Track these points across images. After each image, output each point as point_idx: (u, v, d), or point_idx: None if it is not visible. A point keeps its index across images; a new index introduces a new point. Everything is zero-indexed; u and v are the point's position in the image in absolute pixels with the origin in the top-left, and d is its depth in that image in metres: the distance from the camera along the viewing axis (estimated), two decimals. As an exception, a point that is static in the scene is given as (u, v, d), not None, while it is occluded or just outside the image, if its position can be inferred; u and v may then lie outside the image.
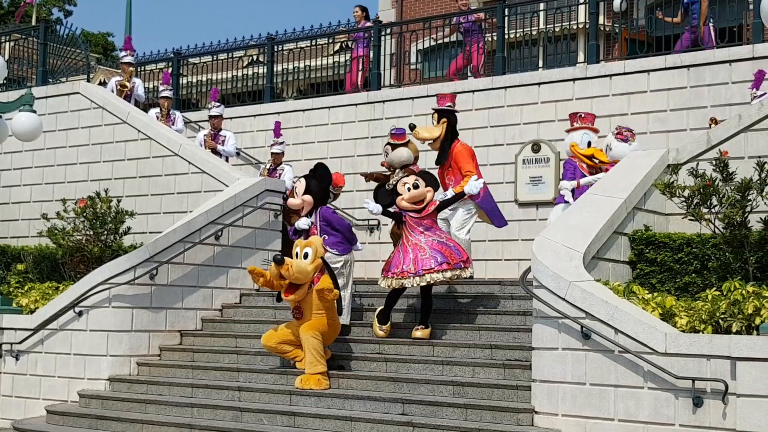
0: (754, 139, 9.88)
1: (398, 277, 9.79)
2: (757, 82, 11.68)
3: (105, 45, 42.45)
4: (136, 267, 10.86)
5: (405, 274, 9.75)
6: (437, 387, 9.07)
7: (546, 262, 8.36)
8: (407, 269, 9.75)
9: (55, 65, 16.60)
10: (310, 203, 10.32)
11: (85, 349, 10.84)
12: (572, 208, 9.74)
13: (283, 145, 14.11)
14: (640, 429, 7.64)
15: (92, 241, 12.26)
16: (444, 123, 11.02)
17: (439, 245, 9.84)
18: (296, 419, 9.15)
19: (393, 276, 9.83)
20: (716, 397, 7.29)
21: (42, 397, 11.03)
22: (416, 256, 9.78)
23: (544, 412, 8.22)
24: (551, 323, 8.21)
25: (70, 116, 15.10)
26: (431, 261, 9.72)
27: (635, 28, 15.00)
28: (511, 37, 15.34)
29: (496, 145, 13.95)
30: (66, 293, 11.04)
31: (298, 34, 17.72)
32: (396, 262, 9.90)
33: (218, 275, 11.87)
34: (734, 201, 8.84)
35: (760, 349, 7.06)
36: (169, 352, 11.16)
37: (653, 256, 9.56)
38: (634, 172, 10.00)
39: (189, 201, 13.34)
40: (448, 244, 9.93)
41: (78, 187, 14.47)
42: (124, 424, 9.80)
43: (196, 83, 18.58)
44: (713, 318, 7.79)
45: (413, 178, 10.13)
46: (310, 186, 10.35)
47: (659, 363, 7.50)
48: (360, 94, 15.58)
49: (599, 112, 13.17)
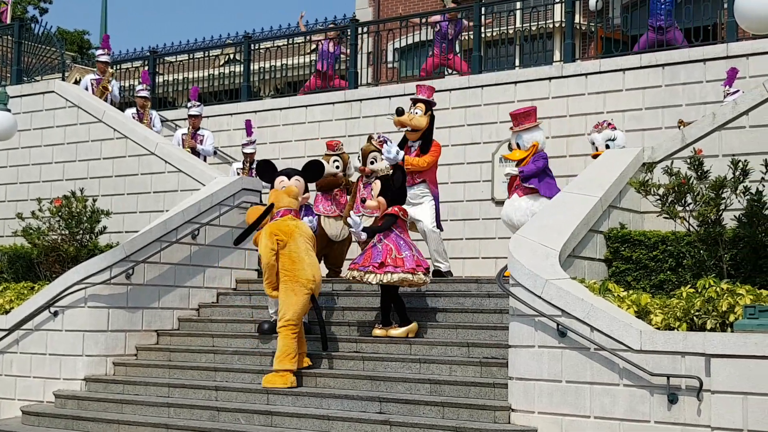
0: (729, 138, 9.95)
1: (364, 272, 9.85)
2: (729, 79, 11.77)
3: (81, 43, 42.23)
4: (112, 266, 10.80)
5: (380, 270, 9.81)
6: (414, 385, 9.08)
7: (522, 261, 8.39)
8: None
9: (30, 64, 16.49)
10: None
11: (61, 350, 10.78)
12: (548, 206, 9.77)
13: (255, 144, 14.09)
14: (616, 426, 7.69)
15: (68, 241, 12.19)
16: (429, 115, 11.30)
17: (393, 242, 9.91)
18: (273, 418, 9.14)
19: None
20: (691, 393, 7.34)
21: (17, 397, 10.95)
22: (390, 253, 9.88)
23: (520, 409, 8.25)
24: (528, 321, 8.24)
25: (45, 115, 15.00)
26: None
27: (611, 27, 15.06)
28: (487, 36, 15.39)
29: (473, 144, 13.99)
30: (41, 293, 10.97)
31: (275, 32, 17.69)
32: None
33: (195, 274, 11.83)
34: (709, 199, 8.90)
35: (734, 345, 7.12)
36: (145, 351, 11.11)
37: (629, 254, 9.62)
38: (609, 170, 10.04)
39: (165, 200, 13.28)
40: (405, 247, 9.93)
41: (53, 187, 14.38)
42: (101, 425, 9.75)
43: (172, 82, 18.51)
44: (688, 315, 7.84)
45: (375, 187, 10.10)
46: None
47: (634, 360, 7.54)
48: (337, 92, 15.58)
49: (575, 110, 13.27)
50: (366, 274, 9.74)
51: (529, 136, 10.71)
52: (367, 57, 16.20)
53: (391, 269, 9.69)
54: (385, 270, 9.70)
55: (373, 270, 9.72)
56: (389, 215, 9.96)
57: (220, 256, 12.10)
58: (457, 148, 13.84)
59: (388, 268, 9.70)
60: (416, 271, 9.76)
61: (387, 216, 9.96)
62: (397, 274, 9.68)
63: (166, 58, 18.31)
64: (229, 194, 12.14)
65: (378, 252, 9.76)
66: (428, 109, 11.38)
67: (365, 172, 10.92)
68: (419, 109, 11.32)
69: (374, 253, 9.77)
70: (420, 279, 9.82)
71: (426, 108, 11.36)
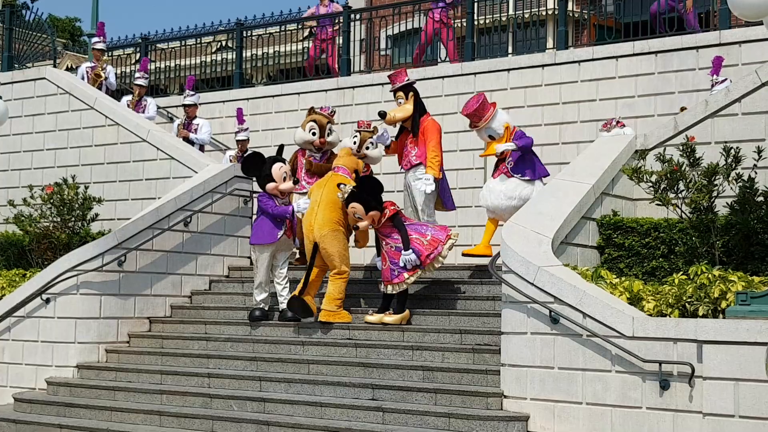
0: (721, 125, 9.96)
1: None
2: (716, 68, 11.78)
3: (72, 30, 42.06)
4: (104, 254, 10.78)
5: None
6: (407, 372, 9.09)
7: (515, 248, 8.40)
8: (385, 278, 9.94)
9: (21, 50, 16.40)
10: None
11: (53, 337, 10.76)
12: (541, 193, 9.78)
13: (247, 132, 14.07)
14: (608, 412, 7.71)
15: (59, 228, 12.17)
16: (412, 97, 11.21)
17: (395, 252, 9.81)
18: (266, 405, 9.15)
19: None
20: (683, 380, 7.36)
21: (9, 384, 10.95)
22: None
23: (513, 396, 8.27)
24: (520, 308, 8.25)
25: (36, 102, 14.94)
26: (388, 272, 9.83)
27: (604, 15, 15.05)
28: (480, 23, 15.34)
29: (465, 131, 13.93)
30: (33, 280, 10.95)
31: (268, 19, 17.59)
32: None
33: (187, 262, 11.81)
34: (701, 186, 8.92)
35: (726, 332, 7.14)
36: (138, 339, 11.10)
37: (621, 241, 9.63)
38: (602, 157, 10.05)
39: (157, 187, 13.25)
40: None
41: (45, 174, 14.33)
42: (93, 412, 9.75)
43: (164, 69, 18.44)
44: (680, 302, 7.86)
45: (352, 210, 9.84)
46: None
47: (627, 347, 7.56)
48: (330, 80, 15.53)
49: (568, 98, 13.23)
50: (424, 270, 9.80)
51: (497, 124, 10.49)
52: (359, 44, 16.15)
53: (439, 249, 9.76)
54: (435, 254, 9.74)
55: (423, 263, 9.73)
56: (393, 217, 9.87)
57: (213, 243, 12.08)
58: (450, 136, 13.78)
59: (434, 252, 9.75)
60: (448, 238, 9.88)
61: (394, 218, 9.86)
62: (443, 247, 9.77)
63: (157, 45, 18.24)
64: (222, 182, 12.11)
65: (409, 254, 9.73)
66: (408, 92, 11.24)
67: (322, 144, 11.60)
68: (401, 98, 11.26)
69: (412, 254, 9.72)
70: (451, 241, 9.91)
71: (406, 93, 11.24)
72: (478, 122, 10.49)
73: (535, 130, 13.37)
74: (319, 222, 9.99)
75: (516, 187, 10.33)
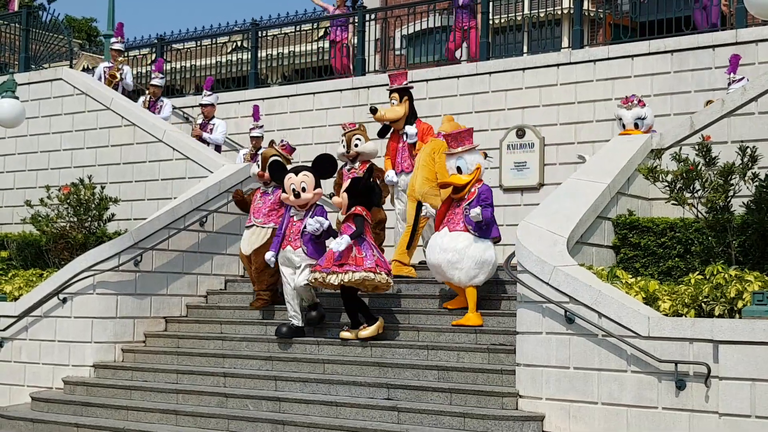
0: (737, 124, 9.91)
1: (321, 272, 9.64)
2: (732, 66, 11.73)
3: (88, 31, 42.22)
4: (120, 254, 10.83)
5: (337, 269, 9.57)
6: (422, 372, 9.09)
7: (530, 247, 8.38)
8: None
9: (37, 51, 16.48)
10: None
11: (70, 336, 10.82)
12: (556, 193, 9.74)
13: (262, 129, 14.11)
14: (624, 412, 7.68)
15: (76, 228, 12.22)
16: (406, 101, 11.39)
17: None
18: (282, 405, 9.16)
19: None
20: (699, 380, 7.33)
21: (27, 384, 11.00)
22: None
23: (528, 396, 8.25)
24: (535, 308, 8.23)
25: (53, 102, 15.01)
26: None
27: (620, 14, 15.00)
28: (495, 23, 15.32)
29: (480, 131, 13.90)
30: (50, 280, 11.00)
31: (283, 19, 17.63)
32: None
33: (203, 261, 11.85)
34: (717, 185, 8.87)
35: (742, 332, 7.11)
36: (154, 338, 11.14)
37: (637, 241, 9.60)
38: (617, 157, 10.02)
39: (173, 187, 13.29)
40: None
41: (61, 174, 14.40)
42: (109, 411, 9.79)
43: (180, 69, 18.50)
44: (696, 302, 7.83)
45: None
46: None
47: (642, 347, 7.53)
48: (345, 79, 15.56)
49: (583, 97, 13.22)
50: (328, 275, 9.50)
51: (471, 158, 9.63)
52: (374, 44, 16.16)
53: (353, 268, 9.47)
54: (346, 269, 9.46)
55: (334, 270, 9.49)
56: (358, 215, 9.68)
57: (228, 243, 12.11)
58: (465, 135, 13.79)
59: (350, 267, 9.47)
60: (378, 270, 9.53)
61: (356, 216, 9.68)
62: (358, 273, 9.44)
63: (173, 45, 18.30)
64: (237, 181, 12.13)
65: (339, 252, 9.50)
66: (403, 95, 11.47)
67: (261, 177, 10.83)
68: (395, 99, 11.47)
69: (336, 254, 9.51)
70: (383, 279, 9.58)
71: (401, 95, 11.46)
72: (453, 146, 9.72)
73: (550, 129, 13.40)
74: (419, 182, 10.38)
75: (453, 240, 9.51)
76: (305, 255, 9.95)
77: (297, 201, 9.98)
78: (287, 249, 10.02)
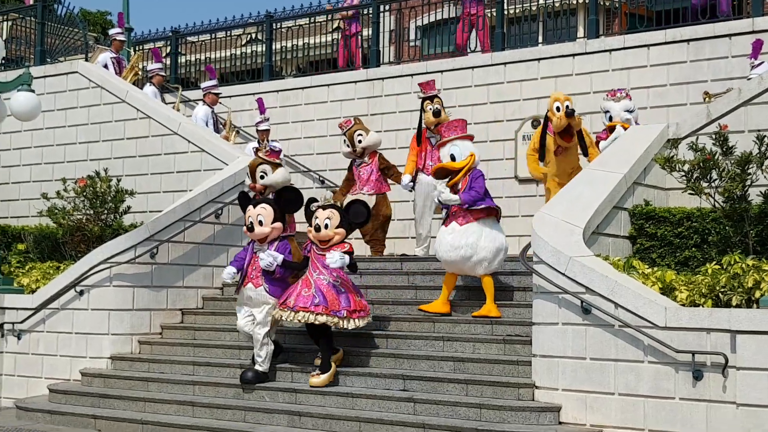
0: (754, 113, 9.85)
1: (280, 309, 9.23)
2: (755, 51, 11.67)
3: (103, 24, 42.27)
4: (136, 246, 10.86)
5: (284, 306, 9.19)
6: (438, 363, 9.09)
7: (546, 238, 8.36)
8: (288, 302, 9.17)
9: (53, 45, 16.54)
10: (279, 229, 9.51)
11: (87, 328, 10.86)
12: (572, 182, 9.70)
13: (268, 122, 14.14)
14: (641, 403, 7.66)
15: (92, 221, 12.26)
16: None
17: (327, 287, 9.14)
18: (297, 396, 9.18)
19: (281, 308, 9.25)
20: (716, 370, 7.30)
21: (44, 376, 11.06)
22: (300, 291, 9.18)
23: (544, 387, 8.24)
24: (551, 298, 8.21)
25: (68, 96, 15.06)
26: (308, 300, 9.09)
27: (635, 3, 14.93)
28: (510, 13, 15.27)
29: (495, 122, 13.92)
30: (67, 272, 11.05)
31: (297, 11, 17.61)
32: (288, 293, 9.33)
33: (219, 253, 11.88)
34: (734, 175, 8.83)
35: (760, 322, 7.07)
36: (170, 330, 11.18)
37: (653, 231, 9.56)
38: (634, 146, 9.97)
39: (189, 179, 13.32)
40: (340, 289, 9.18)
41: (77, 167, 14.45)
42: (127, 402, 9.84)
43: (194, 62, 18.52)
44: (713, 292, 7.80)
45: (329, 212, 9.29)
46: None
47: (659, 337, 7.51)
48: (359, 71, 15.54)
49: (599, 87, 13.15)
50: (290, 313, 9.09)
51: (464, 144, 9.65)
52: (389, 35, 16.14)
53: (362, 314, 9.25)
54: (311, 310, 9.03)
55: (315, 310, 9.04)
56: (350, 253, 9.22)
57: (243, 235, 12.07)
58: (480, 126, 13.74)
59: (317, 309, 9.04)
60: (350, 316, 9.14)
61: (349, 254, 9.19)
62: (360, 319, 9.21)
63: (188, 38, 18.33)
64: (252, 173, 12.13)
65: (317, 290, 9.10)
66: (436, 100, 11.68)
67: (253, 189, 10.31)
68: (438, 104, 11.65)
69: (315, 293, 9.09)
70: (352, 324, 9.18)
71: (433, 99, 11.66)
72: (446, 135, 9.76)
73: (566, 119, 13.29)
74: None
75: (462, 235, 9.47)
76: (266, 293, 9.40)
77: (252, 235, 9.49)
78: (248, 287, 9.47)
